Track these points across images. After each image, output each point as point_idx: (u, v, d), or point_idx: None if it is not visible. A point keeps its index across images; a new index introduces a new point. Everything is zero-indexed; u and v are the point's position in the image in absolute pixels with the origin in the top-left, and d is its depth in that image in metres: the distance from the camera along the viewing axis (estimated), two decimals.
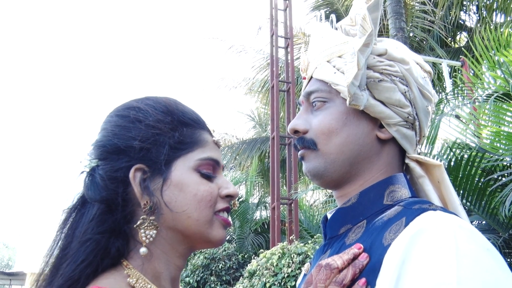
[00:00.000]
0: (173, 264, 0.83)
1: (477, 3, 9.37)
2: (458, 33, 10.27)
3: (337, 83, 0.84)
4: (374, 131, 0.85)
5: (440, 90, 8.90)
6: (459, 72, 6.90)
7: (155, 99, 0.87)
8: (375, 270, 0.68)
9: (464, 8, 9.82)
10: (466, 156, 3.42)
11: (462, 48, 9.00)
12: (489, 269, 0.61)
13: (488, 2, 9.01)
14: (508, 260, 3.37)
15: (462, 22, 10.05)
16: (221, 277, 8.55)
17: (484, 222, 3.87)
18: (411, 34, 9.42)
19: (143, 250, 0.77)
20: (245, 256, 9.28)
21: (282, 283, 4.88)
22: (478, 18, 9.56)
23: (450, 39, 9.92)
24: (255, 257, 5.74)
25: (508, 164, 3.37)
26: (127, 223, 0.79)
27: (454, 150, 3.72)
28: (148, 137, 0.81)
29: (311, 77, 0.92)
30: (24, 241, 35.45)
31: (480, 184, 3.42)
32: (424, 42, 9.25)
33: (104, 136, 0.84)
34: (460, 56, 7.76)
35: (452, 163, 3.44)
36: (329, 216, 0.88)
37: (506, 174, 3.10)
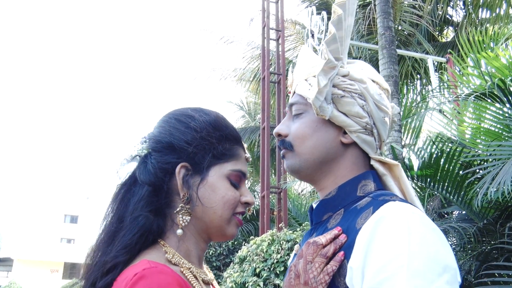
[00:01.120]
0: (199, 245, 1.03)
1: None
2: (446, 27, 10.50)
3: (310, 97, 1.04)
4: (339, 136, 1.05)
5: (427, 84, 9.14)
6: (444, 68, 7.13)
7: (208, 113, 1.07)
8: (350, 247, 0.89)
9: (452, 3, 10.03)
10: (447, 150, 3.64)
11: (449, 43, 9.25)
12: (433, 244, 0.81)
13: None
14: (484, 247, 3.59)
15: (449, 17, 10.26)
16: (211, 263, 8.78)
17: (464, 212, 4.10)
18: (399, 28, 9.62)
19: (179, 231, 0.97)
20: (235, 243, 9.49)
21: (272, 268, 5.09)
22: (465, 13, 9.77)
23: (437, 33, 10.14)
24: (245, 244, 5.93)
25: (485, 159, 3.58)
26: (167, 208, 0.99)
27: (436, 143, 3.94)
28: (198, 145, 1.00)
29: (294, 91, 1.14)
30: (8, 228, 35.22)
31: (458, 177, 3.64)
32: (412, 37, 9.45)
33: (161, 133, 1.03)
34: (448, 51, 7.97)
35: (433, 156, 3.65)
36: (314, 206, 1.10)
37: (483, 168, 3.32)
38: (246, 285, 5.07)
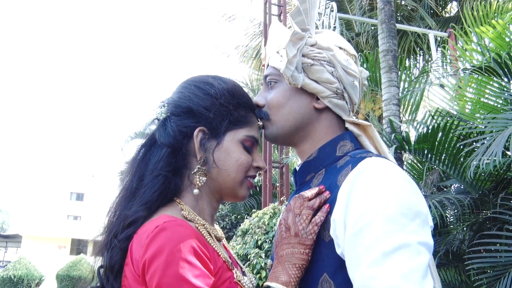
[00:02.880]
0: (212, 204, 1.11)
1: None
2: (449, 2, 10.36)
3: (281, 68, 1.10)
4: (312, 103, 1.12)
5: (429, 59, 9.09)
6: (446, 42, 7.09)
7: (226, 81, 1.13)
8: (333, 203, 0.96)
9: None
10: (444, 123, 3.67)
11: (451, 18, 9.15)
12: (406, 193, 0.89)
13: None
14: (478, 218, 3.67)
15: None
16: None
17: (462, 186, 4.16)
18: (402, 3, 9.52)
19: (196, 191, 1.05)
20: (238, 217, 9.65)
21: (273, 241, 5.20)
22: None
23: (440, 8, 10.02)
24: (247, 217, 6.06)
25: (481, 131, 3.62)
26: (185, 168, 1.06)
27: (436, 118, 3.98)
28: (216, 111, 1.07)
29: (268, 64, 1.20)
30: (17, 204, 35.70)
31: (455, 150, 3.68)
32: (415, 12, 9.35)
33: (181, 98, 1.10)
34: (451, 24, 7.91)
35: (430, 130, 3.69)
36: (297, 168, 1.17)
37: (477, 140, 3.36)
38: (248, 257, 5.20)
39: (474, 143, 3.50)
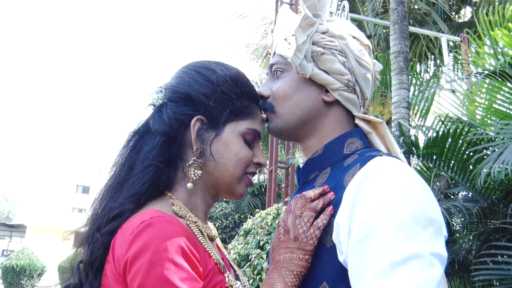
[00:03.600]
0: (207, 201, 1.02)
1: None
2: (463, 7, 10.23)
3: (289, 56, 1.02)
4: (321, 95, 1.03)
5: (441, 64, 8.97)
6: (459, 47, 6.98)
7: (230, 68, 1.04)
8: (337, 205, 0.88)
9: None
10: (454, 128, 3.58)
11: (465, 24, 9.03)
12: (419, 197, 0.80)
13: None
14: (486, 227, 3.57)
15: None
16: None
17: (470, 194, 4.07)
18: (415, 7, 9.40)
19: (189, 185, 0.96)
20: (241, 216, 9.58)
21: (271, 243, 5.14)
22: None
23: (454, 13, 9.89)
24: (251, 217, 6.00)
25: (492, 138, 3.53)
26: (179, 160, 0.97)
27: (445, 123, 3.88)
28: (217, 99, 0.98)
29: (275, 52, 1.12)
30: (24, 194, 35.93)
31: (465, 156, 3.59)
32: (428, 16, 9.24)
33: (180, 84, 1.01)
34: (464, 30, 7.79)
35: (440, 135, 3.59)
36: (301, 166, 1.08)
37: (488, 147, 3.28)
38: (250, 257, 5.14)
39: (484, 150, 3.41)
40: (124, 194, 0.92)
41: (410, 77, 4.84)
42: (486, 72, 3.59)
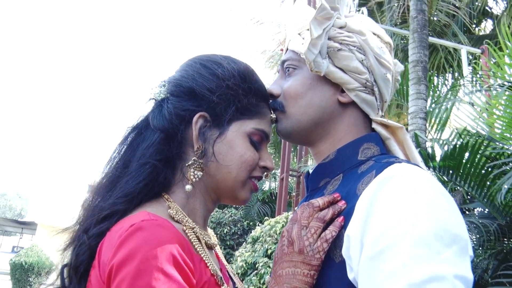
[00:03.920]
0: (207, 205, 0.94)
1: None
2: (484, 20, 10.07)
3: (303, 52, 0.93)
4: (336, 95, 0.95)
5: (459, 77, 8.83)
6: (479, 58, 6.84)
7: (238, 63, 0.96)
8: (349, 215, 0.79)
9: None
10: (473, 142, 3.47)
11: (485, 37, 8.87)
12: (442, 210, 0.71)
13: None
14: (504, 246, 3.45)
15: (488, 9, 9.84)
16: (225, 241, 8.81)
17: (486, 210, 3.94)
18: (435, 18, 9.27)
19: (188, 187, 0.88)
20: (250, 223, 9.49)
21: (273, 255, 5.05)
22: (506, 6, 9.34)
23: (474, 26, 9.75)
24: (259, 224, 5.91)
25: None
26: (178, 159, 0.90)
27: (463, 136, 3.77)
28: (222, 94, 0.91)
29: (287, 48, 1.03)
30: (37, 192, 36.35)
31: (483, 171, 3.47)
32: (447, 28, 9.10)
33: (183, 77, 0.93)
34: (485, 40, 7.65)
35: (457, 148, 3.48)
36: (310, 171, 1.00)
37: (508, 163, 3.16)
38: (256, 266, 5.05)
39: (503, 166, 3.28)
40: (116, 194, 0.84)
41: (427, 87, 4.73)
42: (508, 83, 3.47)
